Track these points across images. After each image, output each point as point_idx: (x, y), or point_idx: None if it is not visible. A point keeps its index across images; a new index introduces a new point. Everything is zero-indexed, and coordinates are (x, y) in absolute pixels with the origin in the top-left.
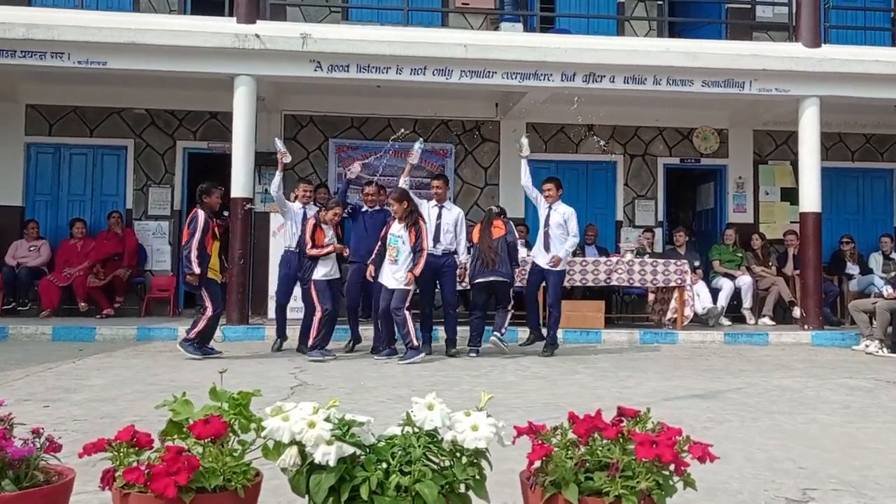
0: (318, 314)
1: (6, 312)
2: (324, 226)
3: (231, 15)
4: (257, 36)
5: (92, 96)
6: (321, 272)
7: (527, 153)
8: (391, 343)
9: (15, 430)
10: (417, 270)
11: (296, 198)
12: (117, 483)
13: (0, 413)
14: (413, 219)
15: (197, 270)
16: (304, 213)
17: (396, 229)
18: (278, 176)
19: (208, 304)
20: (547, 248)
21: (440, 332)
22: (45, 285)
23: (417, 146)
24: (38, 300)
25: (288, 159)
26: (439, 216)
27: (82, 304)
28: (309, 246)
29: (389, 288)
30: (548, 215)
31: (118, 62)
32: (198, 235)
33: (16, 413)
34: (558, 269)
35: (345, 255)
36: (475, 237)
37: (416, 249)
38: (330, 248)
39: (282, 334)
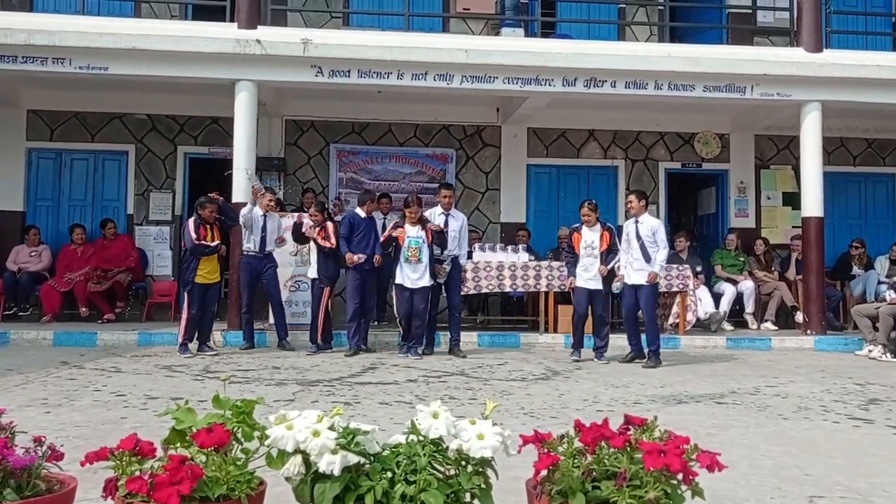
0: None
1: (7, 318)
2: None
3: (232, 20)
4: (258, 41)
5: (93, 102)
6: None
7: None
8: (416, 341)
9: (16, 439)
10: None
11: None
12: (120, 492)
13: (2, 421)
14: (424, 220)
15: (206, 242)
16: (265, 220)
17: (413, 231)
18: (249, 207)
19: (185, 306)
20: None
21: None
22: (46, 290)
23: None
24: (40, 305)
25: (264, 198)
26: (446, 223)
27: (83, 309)
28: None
29: (419, 288)
30: (636, 229)
31: (119, 68)
32: (191, 237)
33: (17, 419)
34: (652, 283)
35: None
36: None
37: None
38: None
39: (250, 338)
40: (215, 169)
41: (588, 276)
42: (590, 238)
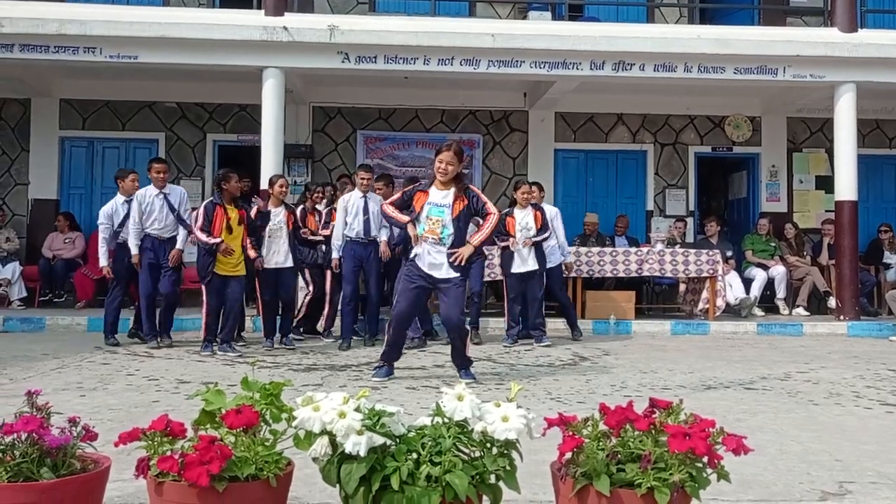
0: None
1: (43, 304)
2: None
3: (259, 8)
4: (285, 28)
5: (124, 90)
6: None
7: None
8: (392, 358)
9: (52, 419)
10: (480, 238)
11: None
12: (152, 471)
13: (38, 402)
14: (463, 186)
15: (204, 238)
16: (365, 202)
17: (438, 197)
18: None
19: (204, 298)
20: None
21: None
22: (80, 277)
23: None
24: (74, 292)
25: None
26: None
27: None
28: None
29: (439, 278)
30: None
31: (149, 56)
32: (197, 224)
33: (53, 402)
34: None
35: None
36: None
37: (482, 214)
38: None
39: (350, 333)
40: (244, 156)
41: (521, 260)
42: (523, 220)
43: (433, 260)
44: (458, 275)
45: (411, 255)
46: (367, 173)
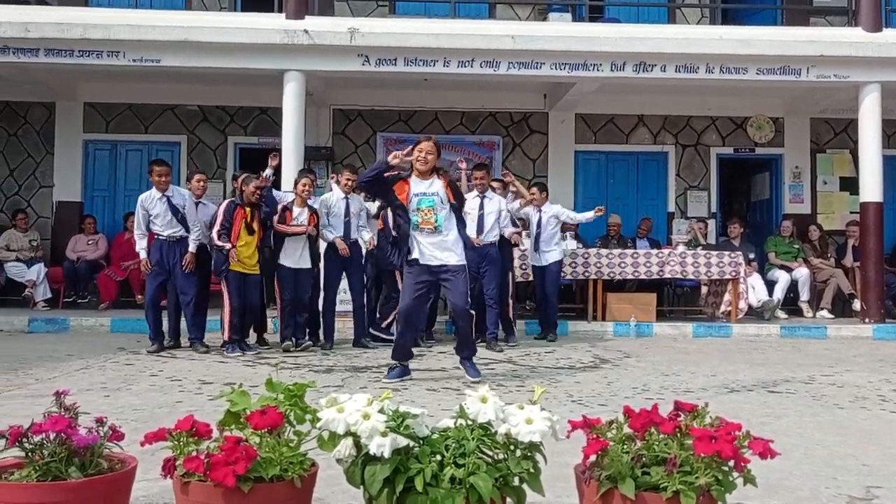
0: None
1: (67, 305)
2: (295, 207)
3: (280, 11)
4: (306, 31)
5: (146, 93)
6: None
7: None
8: (403, 357)
9: (79, 419)
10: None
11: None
12: (178, 471)
13: (66, 402)
14: (449, 179)
15: (219, 242)
16: (347, 203)
17: (423, 187)
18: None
19: (226, 298)
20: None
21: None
22: (103, 279)
23: None
24: (97, 293)
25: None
26: (482, 206)
27: (139, 296)
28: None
29: (451, 266)
30: (539, 218)
31: (171, 60)
32: (217, 222)
33: (78, 402)
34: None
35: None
36: None
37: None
38: (298, 229)
39: (330, 338)
40: (264, 158)
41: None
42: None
43: (434, 250)
44: (461, 262)
45: (410, 258)
46: (352, 174)
